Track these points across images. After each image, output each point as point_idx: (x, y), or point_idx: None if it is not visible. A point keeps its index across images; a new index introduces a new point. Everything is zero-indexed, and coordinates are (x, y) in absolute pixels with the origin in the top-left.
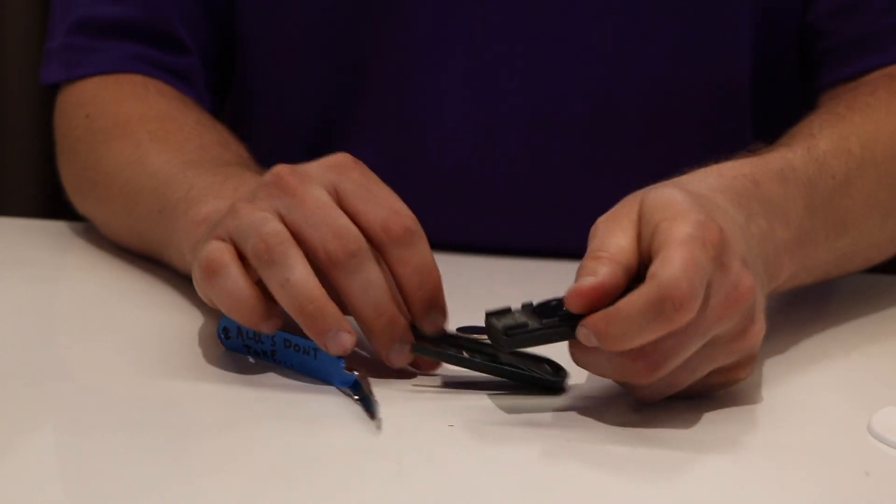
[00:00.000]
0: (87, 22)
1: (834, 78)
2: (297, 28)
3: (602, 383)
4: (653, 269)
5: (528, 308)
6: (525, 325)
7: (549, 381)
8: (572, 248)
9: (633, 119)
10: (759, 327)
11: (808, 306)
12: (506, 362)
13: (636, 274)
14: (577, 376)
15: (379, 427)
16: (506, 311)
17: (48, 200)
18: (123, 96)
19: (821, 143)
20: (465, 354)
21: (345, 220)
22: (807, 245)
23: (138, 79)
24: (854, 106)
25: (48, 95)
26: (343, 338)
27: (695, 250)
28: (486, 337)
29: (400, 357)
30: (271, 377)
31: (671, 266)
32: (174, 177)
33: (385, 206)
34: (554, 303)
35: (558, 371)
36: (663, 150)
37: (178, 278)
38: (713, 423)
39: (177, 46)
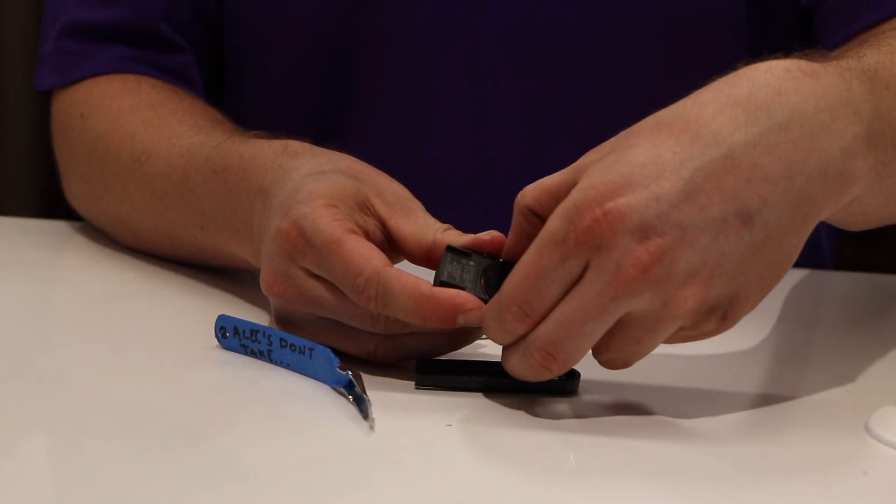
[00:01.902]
0: (77, 26)
1: (844, 34)
2: (292, 33)
3: (607, 383)
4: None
5: (487, 267)
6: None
7: (559, 386)
8: None
9: (630, 124)
10: (691, 292)
11: (807, 306)
12: (515, 378)
13: None
14: (590, 378)
15: (372, 427)
16: (465, 255)
17: (48, 200)
18: (115, 92)
19: (868, 57)
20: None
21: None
22: (880, 149)
23: (130, 76)
24: (876, 44)
25: (47, 96)
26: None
27: (543, 255)
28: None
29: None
30: (267, 376)
31: (512, 278)
32: (197, 146)
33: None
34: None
35: (570, 375)
36: None
37: (177, 278)
38: (713, 423)
39: (168, 46)
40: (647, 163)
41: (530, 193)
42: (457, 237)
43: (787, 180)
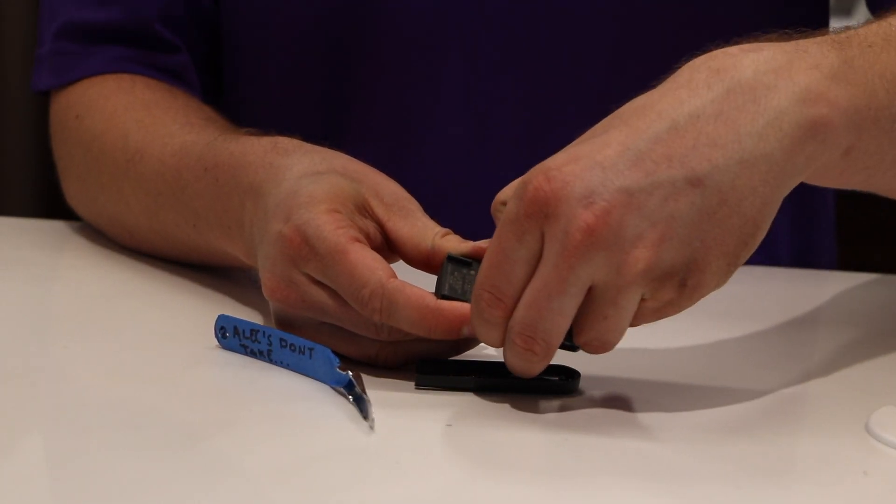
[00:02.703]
0: (73, 27)
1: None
2: (289, 33)
3: (607, 382)
4: None
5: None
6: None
7: (560, 385)
8: None
9: None
10: (641, 254)
11: (807, 306)
12: (515, 377)
13: None
14: (590, 377)
15: (372, 427)
16: (466, 264)
17: (47, 200)
18: (110, 92)
19: (857, 28)
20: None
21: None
22: (861, 94)
23: (125, 76)
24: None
25: (46, 96)
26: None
27: (503, 235)
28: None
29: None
30: (267, 377)
31: (481, 268)
32: (189, 144)
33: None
34: None
35: (570, 375)
36: None
37: (176, 278)
38: (712, 422)
39: (164, 46)
40: (594, 142)
41: (500, 196)
42: (456, 243)
43: (736, 143)
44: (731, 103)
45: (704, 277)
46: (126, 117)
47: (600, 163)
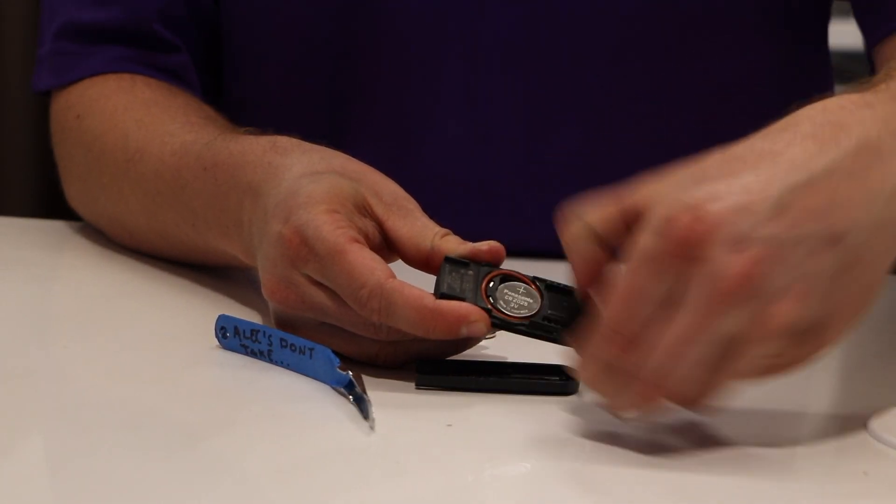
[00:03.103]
0: (72, 27)
1: (888, 29)
2: (289, 34)
3: None
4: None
5: (480, 271)
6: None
7: (560, 386)
8: None
9: (633, 120)
10: (787, 307)
11: None
12: (515, 377)
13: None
14: None
15: (372, 427)
16: (464, 265)
17: (48, 200)
18: (110, 91)
19: None
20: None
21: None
22: None
23: (125, 76)
24: None
25: (47, 96)
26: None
27: (639, 271)
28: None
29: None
30: (268, 377)
31: (610, 306)
32: (189, 143)
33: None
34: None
35: (571, 376)
36: (663, 158)
37: (177, 278)
38: (712, 422)
39: (164, 46)
40: (732, 183)
41: (596, 218)
42: (455, 245)
43: (869, 203)
44: (860, 162)
45: (830, 336)
46: (126, 117)
47: (747, 207)
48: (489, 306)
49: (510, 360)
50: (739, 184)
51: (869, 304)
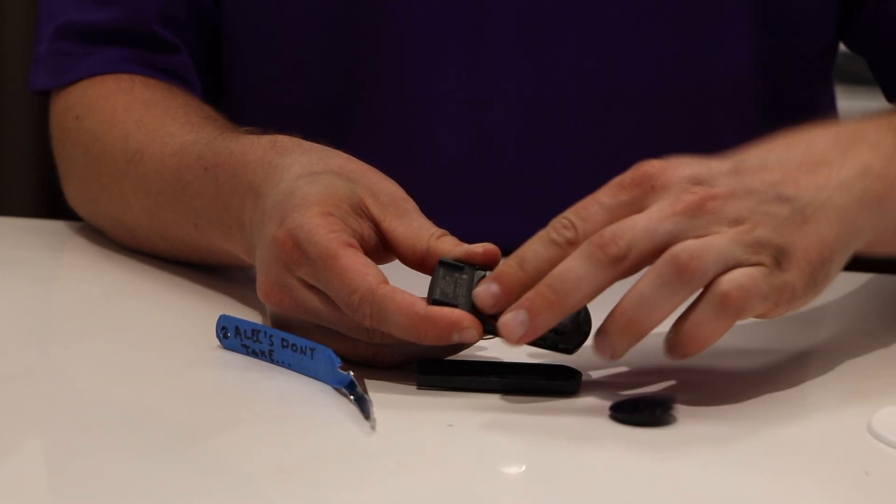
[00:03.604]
0: (71, 28)
1: None
2: (290, 34)
3: (607, 383)
4: None
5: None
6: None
7: (560, 386)
8: None
9: (633, 115)
10: (744, 227)
11: (809, 305)
12: (515, 377)
13: None
14: (590, 378)
15: (373, 427)
16: (458, 268)
17: (48, 200)
18: (110, 92)
19: None
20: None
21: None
22: None
23: (125, 76)
24: None
25: (47, 96)
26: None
27: (600, 191)
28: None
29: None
30: (269, 377)
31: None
32: (189, 143)
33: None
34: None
35: (572, 376)
36: (664, 146)
37: (178, 278)
38: (713, 422)
39: (163, 46)
40: (701, 159)
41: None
42: (451, 246)
43: (814, 188)
44: (808, 165)
45: (795, 271)
46: (126, 117)
47: (707, 164)
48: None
49: (510, 360)
50: (702, 158)
51: (822, 262)
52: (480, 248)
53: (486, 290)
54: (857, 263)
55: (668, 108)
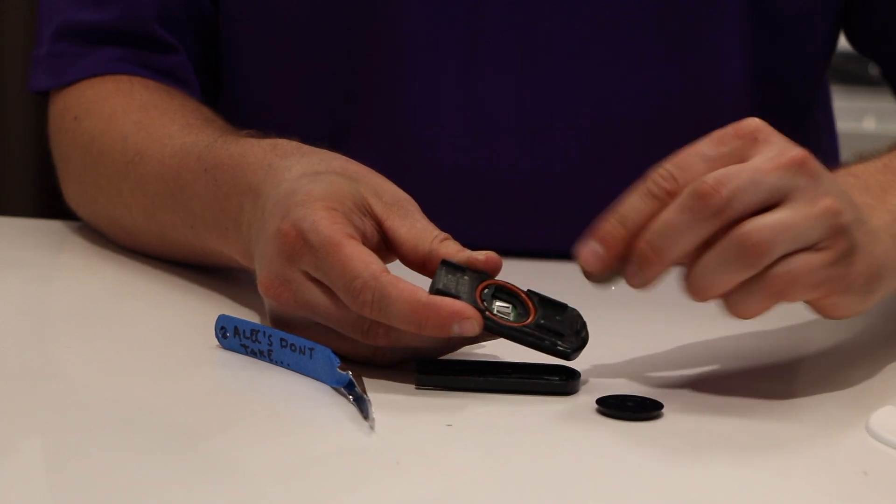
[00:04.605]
0: (70, 28)
1: None
2: (288, 35)
3: (606, 383)
4: None
5: (474, 277)
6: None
7: (560, 386)
8: (569, 249)
9: (630, 123)
10: (830, 201)
11: (806, 306)
12: (515, 377)
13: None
14: (590, 378)
15: (372, 427)
16: (460, 269)
17: (47, 200)
18: (108, 93)
19: None
20: (473, 376)
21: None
22: None
23: (123, 77)
24: None
25: (46, 96)
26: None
27: (701, 142)
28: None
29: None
30: (268, 376)
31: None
32: (189, 145)
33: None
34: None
35: (571, 376)
36: (661, 153)
37: (176, 278)
38: (713, 422)
39: (161, 47)
40: None
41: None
42: (453, 251)
43: (857, 217)
44: (868, 199)
45: (861, 266)
46: (124, 119)
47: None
48: (483, 307)
49: (510, 360)
50: None
51: (874, 275)
52: (482, 255)
53: (589, 250)
54: None
55: (666, 113)
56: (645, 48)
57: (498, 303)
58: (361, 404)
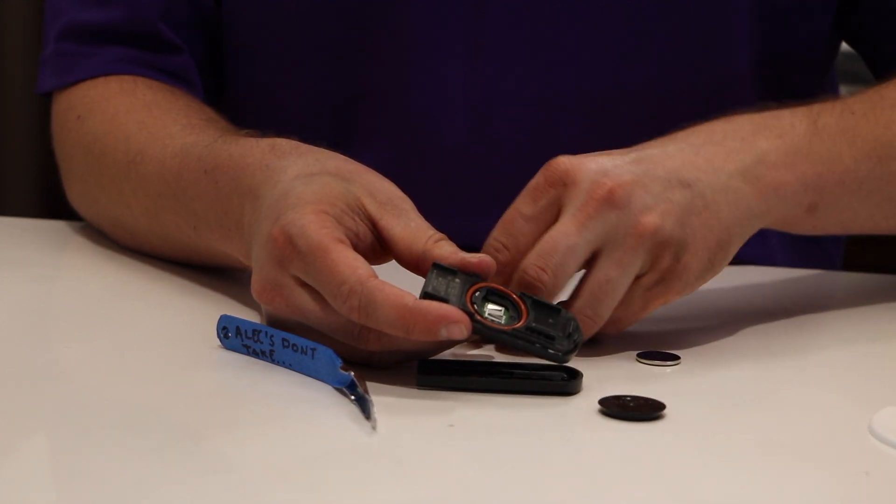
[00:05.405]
0: (75, 28)
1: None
2: (292, 37)
3: (607, 383)
4: None
5: (466, 280)
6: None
7: (561, 385)
8: None
9: (633, 115)
10: (649, 219)
11: (807, 306)
12: (516, 377)
13: None
14: (591, 378)
15: (374, 427)
16: (451, 272)
17: (48, 200)
18: (112, 93)
19: (833, 100)
20: (474, 377)
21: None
22: (825, 162)
23: (127, 77)
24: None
25: (48, 96)
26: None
27: (519, 199)
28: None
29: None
30: (269, 377)
31: (495, 228)
32: (190, 146)
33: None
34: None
35: (573, 376)
36: None
37: (178, 279)
38: (713, 422)
39: (166, 47)
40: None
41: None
42: (447, 252)
43: (712, 172)
44: (706, 148)
45: (692, 260)
46: (127, 119)
47: (610, 157)
48: (472, 311)
49: (512, 360)
50: (603, 153)
51: (721, 246)
52: (476, 258)
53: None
54: (857, 264)
55: (669, 103)
56: (651, 40)
57: (490, 306)
58: (363, 404)
